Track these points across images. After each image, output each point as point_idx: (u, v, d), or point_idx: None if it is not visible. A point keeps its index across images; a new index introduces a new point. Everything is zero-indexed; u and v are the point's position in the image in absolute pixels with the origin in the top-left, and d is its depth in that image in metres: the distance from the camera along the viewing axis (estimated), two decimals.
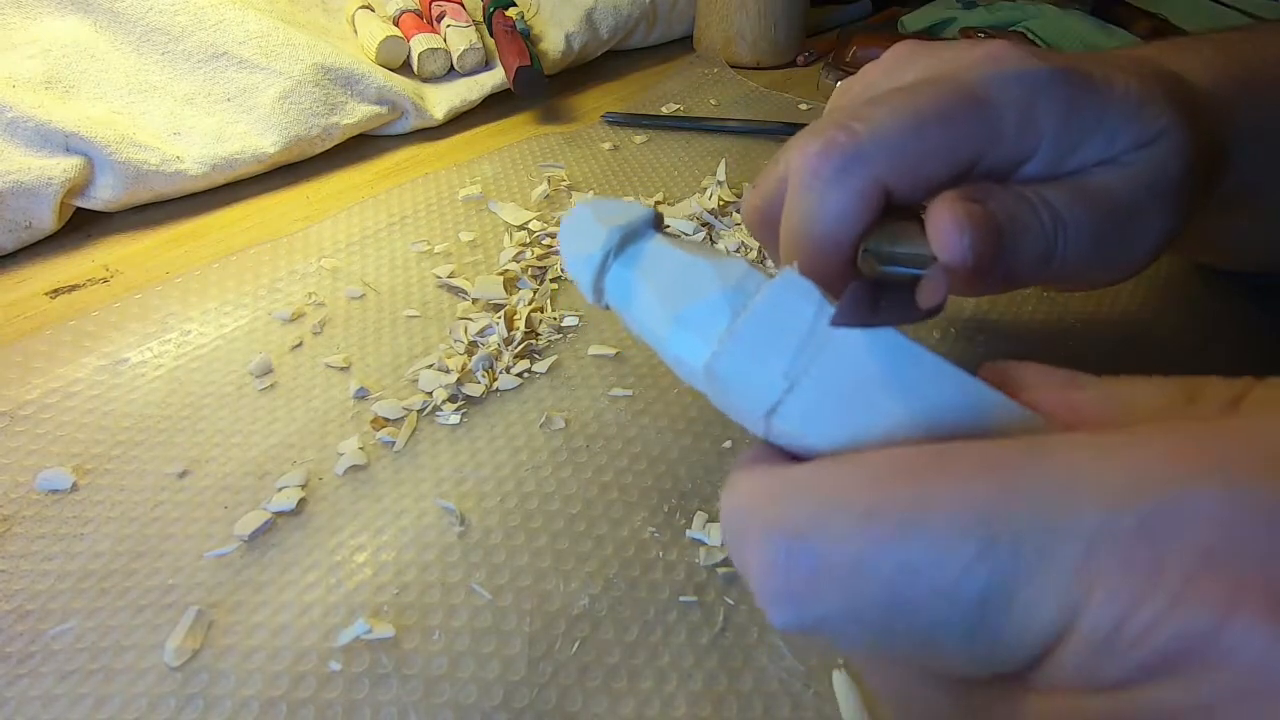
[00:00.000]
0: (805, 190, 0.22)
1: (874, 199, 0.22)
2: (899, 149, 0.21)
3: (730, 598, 0.28)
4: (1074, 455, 0.11)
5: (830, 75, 0.68)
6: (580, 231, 0.18)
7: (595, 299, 0.18)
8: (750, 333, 0.15)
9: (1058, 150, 0.23)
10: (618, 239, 0.17)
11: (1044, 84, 0.22)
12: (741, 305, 0.16)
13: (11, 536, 0.28)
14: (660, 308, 0.16)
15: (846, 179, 0.22)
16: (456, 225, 0.47)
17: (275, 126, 0.51)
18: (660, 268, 0.17)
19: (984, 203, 0.21)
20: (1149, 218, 0.24)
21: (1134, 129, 0.23)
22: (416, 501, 0.30)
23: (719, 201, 0.49)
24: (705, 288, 0.16)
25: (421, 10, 0.67)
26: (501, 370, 0.36)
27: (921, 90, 0.22)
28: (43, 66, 0.50)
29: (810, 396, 0.15)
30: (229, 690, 0.24)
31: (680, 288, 0.16)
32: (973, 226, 0.20)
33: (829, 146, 0.22)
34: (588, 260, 0.17)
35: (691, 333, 0.16)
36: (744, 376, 0.15)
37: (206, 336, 0.38)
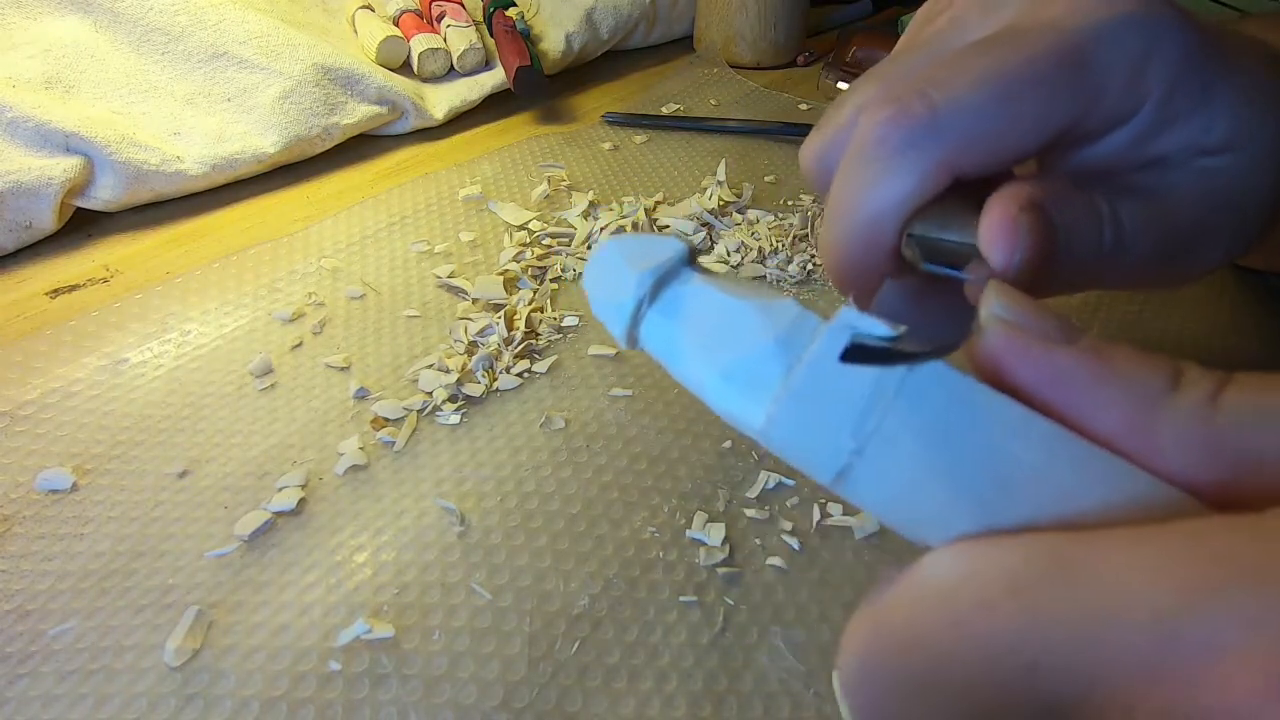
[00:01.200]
0: (865, 160, 0.20)
1: (937, 183, 0.19)
2: (979, 129, 0.19)
3: (730, 598, 0.28)
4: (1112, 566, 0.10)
5: (830, 75, 0.68)
6: (608, 276, 0.16)
7: (629, 346, 0.16)
8: (808, 390, 0.13)
9: (1160, 117, 0.20)
10: (650, 284, 0.15)
11: (1165, 35, 0.19)
12: (796, 356, 0.14)
13: (11, 536, 0.28)
14: (704, 361, 0.14)
15: (912, 158, 0.19)
16: (456, 225, 0.47)
17: (275, 126, 0.51)
18: (701, 313, 0.15)
19: (1049, 211, 0.19)
20: (1219, 236, 0.22)
21: (1231, 121, 0.20)
22: (416, 501, 0.30)
23: (719, 201, 0.49)
24: (753, 336, 0.14)
25: (421, 10, 0.67)
26: (501, 370, 0.36)
27: (1014, 47, 0.19)
28: (43, 66, 0.50)
29: (882, 458, 0.13)
30: (229, 690, 0.24)
31: (725, 337, 0.14)
32: (1030, 240, 0.18)
33: (900, 116, 0.19)
34: (619, 309, 0.15)
35: (741, 390, 0.14)
36: (805, 440, 0.13)
37: (206, 336, 0.38)
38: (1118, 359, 0.13)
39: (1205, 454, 0.12)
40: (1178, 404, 0.12)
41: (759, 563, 0.29)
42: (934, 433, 0.13)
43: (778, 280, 0.43)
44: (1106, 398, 0.13)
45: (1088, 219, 0.20)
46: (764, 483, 0.32)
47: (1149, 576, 0.10)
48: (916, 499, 0.13)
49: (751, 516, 0.30)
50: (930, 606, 0.12)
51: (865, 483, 0.13)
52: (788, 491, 0.31)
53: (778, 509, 0.31)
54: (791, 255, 0.45)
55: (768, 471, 0.32)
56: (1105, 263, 0.20)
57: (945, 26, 0.23)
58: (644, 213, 0.47)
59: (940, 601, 0.11)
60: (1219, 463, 0.12)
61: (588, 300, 0.16)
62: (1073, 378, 0.13)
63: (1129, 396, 0.13)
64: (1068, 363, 0.13)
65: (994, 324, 0.14)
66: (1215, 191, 0.21)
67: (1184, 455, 0.12)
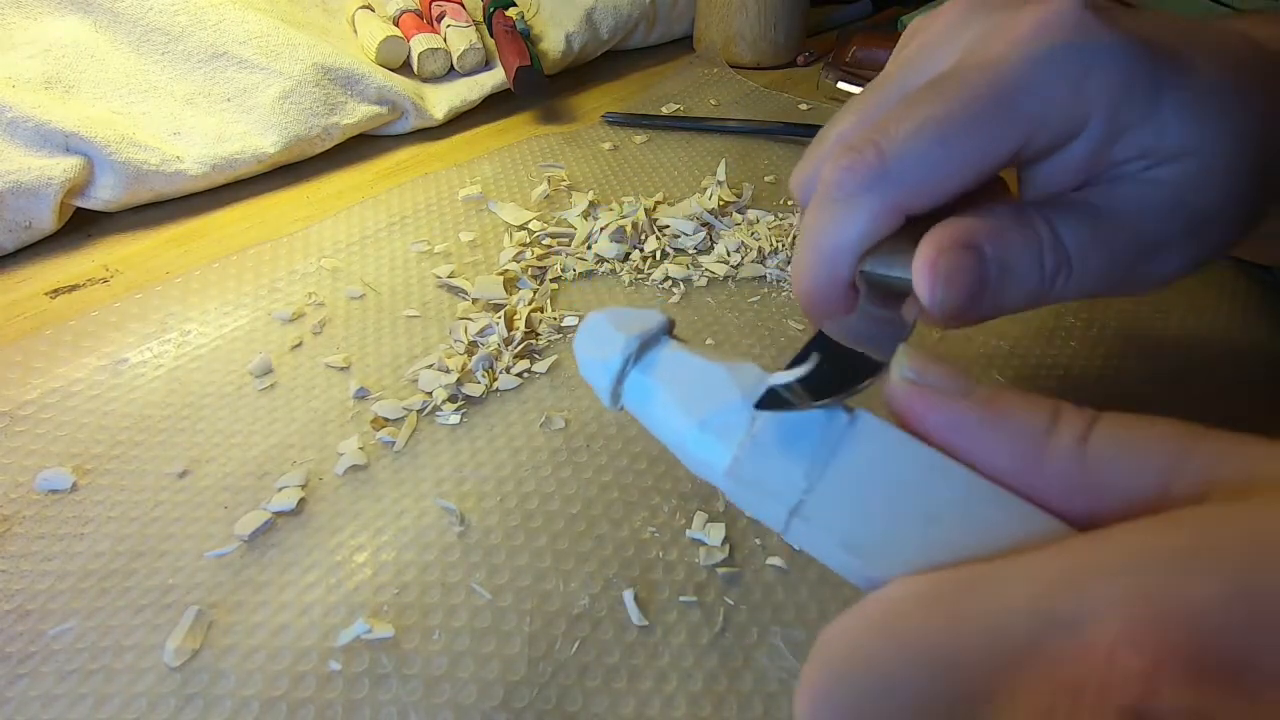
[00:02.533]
0: (824, 202, 0.22)
1: (888, 224, 0.21)
2: (923, 173, 0.21)
3: (730, 598, 0.28)
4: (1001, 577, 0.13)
5: (830, 75, 0.68)
6: (597, 339, 0.18)
7: (612, 403, 0.18)
8: (768, 437, 0.16)
9: (1110, 128, 0.21)
10: (636, 346, 0.18)
11: (1102, 54, 0.21)
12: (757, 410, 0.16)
13: (11, 536, 0.28)
14: (681, 413, 0.17)
15: (864, 202, 0.21)
16: (456, 225, 0.47)
17: (275, 126, 0.51)
18: (678, 373, 0.18)
19: (980, 248, 0.20)
20: (1177, 248, 0.22)
21: (1183, 127, 0.21)
22: (416, 501, 0.30)
23: (719, 201, 0.49)
24: (724, 393, 0.17)
25: (421, 10, 0.67)
26: (501, 370, 0.36)
27: (953, 92, 0.21)
28: (43, 66, 0.50)
29: (827, 499, 0.15)
30: (229, 690, 0.24)
31: (699, 393, 0.17)
32: (949, 281, 0.20)
33: (854, 164, 0.21)
34: (606, 366, 0.18)
35: (714, 437, 0.17)
36: (766, 479, 0.16)
37: (206, 336, 0.38)
38: (1003, 405, 0.15)
39: (1077, 488, 0.14)
40: (1055, 444, 0.14)
41: (759, 563, 0.29)
42: (872, 474, 0.15)
43: (777, 280, 0.43)
44: (995, 440, 0.15)
45: (1025, 248, 0.21)
46: None
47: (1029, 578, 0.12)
48: (859, 532, 0.15)
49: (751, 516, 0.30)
50: (870, 624, 0.13)
51: (816, 517, 0.15)
52: None
53: None
54: (791, 255, 0.45)
55: None
56: (1051, 284, 0.22)
57: (914, 55, 0.25)
58: (644, 213, 0.47)
59: (878, 619, 0.13)
60: (1088, 496, 0.14)
61: (576, 362, 0.19)
62: (966, 425, 0.15)
63: (1014, 439, 0.15)
64: (961, 413, 0.15)
65: (901, 383, 0.16)
66: (1163, 202, 0.22)
67: (1061, 489, 0.14)
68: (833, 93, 0.67)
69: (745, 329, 0.40)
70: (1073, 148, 0.22)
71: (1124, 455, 0.14)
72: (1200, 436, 0.14)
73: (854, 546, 0.15)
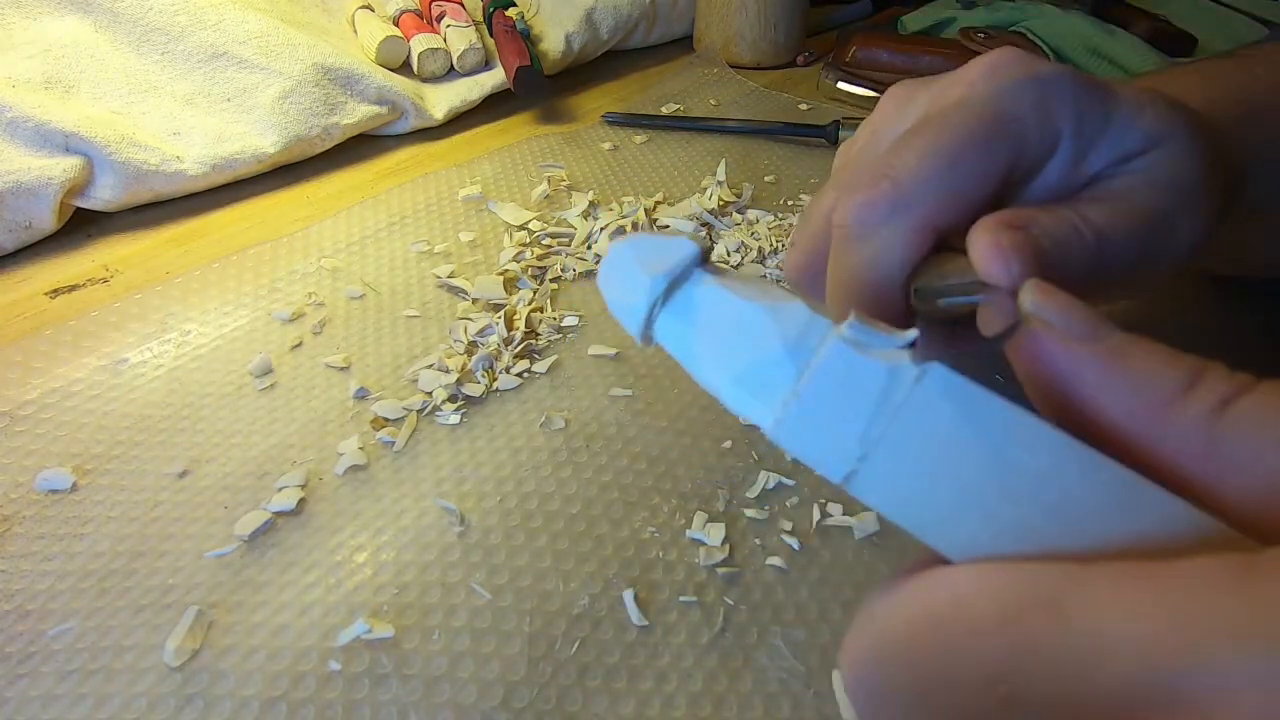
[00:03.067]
0: (855, 240, 0.23)
1: (924, 239, 0.22)
2: (940, 186, 0.22)
3: (730, 598, 0.28)
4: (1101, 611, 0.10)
5: (830, 75, 0.68)
6: (622, 277, 0.16)
7: (645, 345, 0.17)
8: (817, 395, 0.14)
9: (1078, 145, 0.23)
10: (663, 287, 0.16)
11: (1052, 82, 0.23)
12: (805, 361, 0.14)
13: (11, 536, 0.28)
14: (716, 365, 0.15)
15: (896, 224, 0.22)
16: (456, 225, 0.47)
17: (275, 126, 0.51)
18: (713, 316, 0.15)
19: (1025, 228, 0.21)
20: (1178, 218, 0.24)
21: (1139, 130, 0.23)
22: (416, 501, 0.30)
23: (719, 201, 0.49)
24: (764, 341, 0.14)
25: (421, 10, 0.67)
26: (501, 370, 0.36)
27: (942, 124, 0.23)
28: (43, 66, 0.50)
29: (888, 465, 0.13)
30: (229, 690, 0.24)
31: (737, 341, 0.15)
32: (1016, 251, 0.20)
33: (873, 196, 0.22)
34: (632, 311, 0.16)
35: (753, 394, 0.14)
36: (814, 443, 0.14)
37: (206, 336, 0.38)
38: (1139, 355, 0.13)
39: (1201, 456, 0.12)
40: (1188, 403, 0.13)
41: (759, 563, 0.29)
42: (938, 440, 0.13)
43: (776, 281, 0.43)
44: (1118, 388, 0.13)
45: (1065, 225, 0.22)
46: (764, 483, 0.32)
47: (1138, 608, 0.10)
48: (921, 504, 0.13)
49: (751, 516, 0.30)
50: (926, 628, 0.12)
51: (872, 487, 0.13)
52: (788, 491, 0.31)
53: (777, 509, 0.31)
54: None
55: (768, 471, 0.32)
56: (1100, 257, 0.22)
57: (867, 139, 0.27)
58: (644, 213, 0.47)
59: (935, 624, 0.12)
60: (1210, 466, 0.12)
61: (603, 298, 0.17)
62: (1090, 369, 0.13)
63: (1142, 390, 0.13)
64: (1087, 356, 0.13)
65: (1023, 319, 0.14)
66: (1153, 181, 0.23)
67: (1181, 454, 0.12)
68: (833, 93, 0.67)
69: None
70: (1050, 168, 0.23)
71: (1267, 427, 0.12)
72: None
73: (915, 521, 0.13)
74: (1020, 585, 0.11)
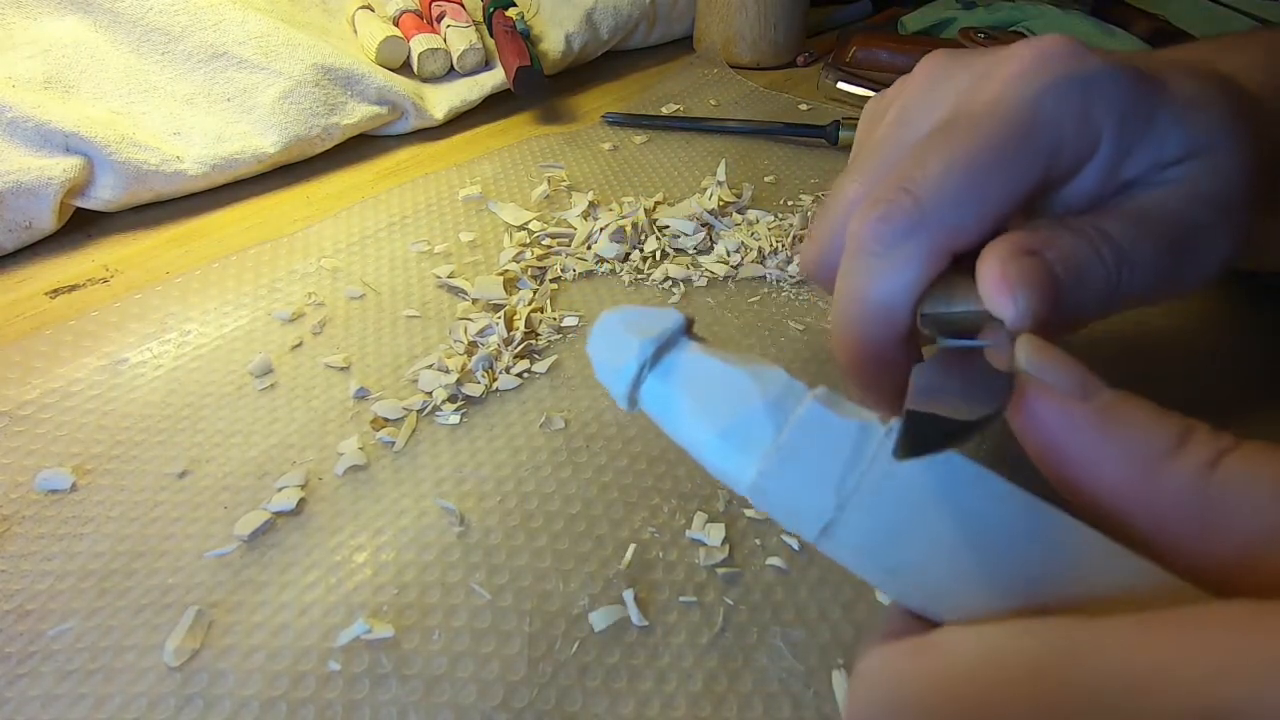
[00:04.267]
0: (866, 256, 0.22)
1: (937, 264, 0.21)
2: (961, 211, 0.21)
3: (730, 598, 0.28)
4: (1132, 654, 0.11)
5: (830, 75, 0.68)
6: (611, 342, 0.17)
7: (629, 408, 0.17)
8: (796, 448, 0.15)
9: (1118, 149, 0.22)
10: (651, 351, 0.17)
11: (1097, 81, 0.21)
12: (784, 419, 0.15)
13: (11, 536, 0.28)
14: (701, 422, 0.16)
15: (910, 247, 0.21)
16: (456, 225, 0.47)
17: (275, 126, 0.51)
18: (697, 379, 0.16)
19: (1040, 253, 0.20)
20: (1212, 234, 0.23)
21: (1183, 134, 0.22)
22: (416, 501, 0.30)
23: (719, 201, 0.49)
24: (747, 400, 0.15)
25: (421, 10, 0.67)
26: (501, 370, 0.36)
27: (970, 133, 0.21)
28: (43, 66, 0.50)
29: (863, 518, 0.14)
30: (229, 690, 0.24)
31: (720, 401, 0.16)
32: (1025, 285, 0.19)
33: (890, 212, 0.21)
34: (621, 373, 0.17)
35: (735, 449, 0.15)
36: (793, 494, 0.14)
37: (206, 336, 0.38)
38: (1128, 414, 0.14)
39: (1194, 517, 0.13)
40: (1178, 464, 0.13)
41: (759, 563, 0.29)
42: (907, 495, 0.14)
43: (777, 281, 0.43)
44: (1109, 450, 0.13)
45: (1084, 247, 0.21)
46: None
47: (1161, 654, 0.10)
48: (895, 555, 0.13)
49: (751, 516, 0.30)
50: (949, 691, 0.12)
51: (848, 539, 0.14)
52: None
53: None
54: (791, 256, 0.45)
55: None
56: (1119, 277, 0.21)
57: (895, 121, 0.25)
58: (644, 213, 0.47)
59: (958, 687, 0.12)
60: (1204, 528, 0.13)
61: (591, 364, 0.18)
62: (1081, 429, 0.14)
63: (1131, 451, 0.13)
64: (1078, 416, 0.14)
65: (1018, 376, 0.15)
66: (1186, 194, 0.22)
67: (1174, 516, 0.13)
68: (833, 93, 0.67)
69: (745, 329, 0.40)
70: (1086, 172, 0.22)
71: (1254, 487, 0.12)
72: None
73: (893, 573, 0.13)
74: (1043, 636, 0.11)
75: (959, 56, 0.25)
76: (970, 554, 0.13)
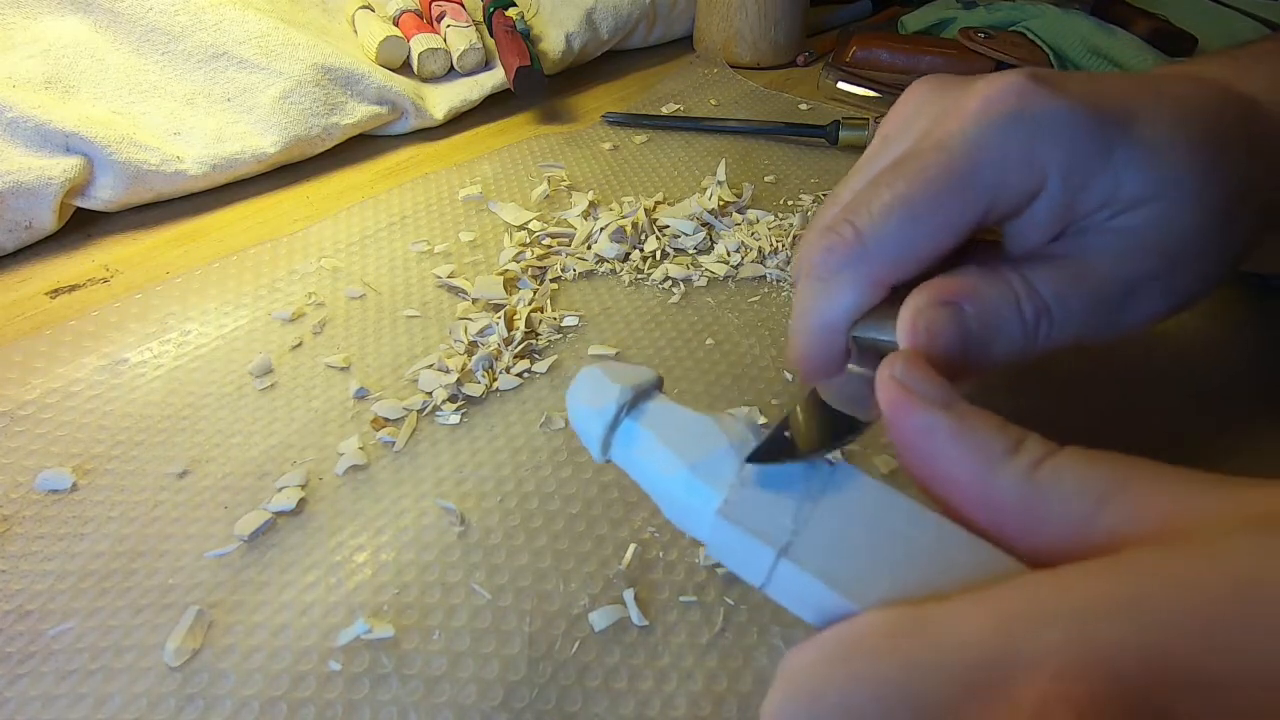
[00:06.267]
0: (812, 280, 0.24)
1: (870, 294, 0.23)
2: (899, 244, 0.22)
3: (730, 598, 0.28)
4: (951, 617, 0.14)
5: (830, 75, 0.68)
6: (592, 390, 0.19)
7: (601, 452, 0.19)
8: (757, 482, 0.17)
9: (1068, 186, 0.22)
10: (631, 395, 0.19)
11: (1046, 120, 0.22)
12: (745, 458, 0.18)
13: (11, 536, 0.28)
14: (672, 459, 0.18)
15: (848, 277, 0.23)
16: (456, 225, 0.47)
17: (275, 126, 0.51)
18: (669, 423, 0.19)
19: (957, 304, 0.22)
20: (1156, 285, 0.23)
21: (1139, 176, 0.22)
22: (416, 501, 0.30)
23: (719, 201, 0.49)
24: (713, 441, 0.18)
25: (421, 10, 0.67)
26: (501, 370, 0.36)
27: (915, 172, 0.22)
28: (43, 66, 0.50)
29: (814, 539, 0.16)
30: (229, 690, 0.24)
31: (690, 441, 0.18)
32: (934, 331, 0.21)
33: (834, 244, 0.23)
34: (600, 414, 0.19)
35: (704, 482, 0.18)
36: (757, 520, 0.17)
37: (206, 336, 0.38)
38: (975, 423, 0.16)
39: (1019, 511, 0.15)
40: (1009, 466, 0.16)
41: None
42: (852, 518, 0.16)
43: (777, 280, 0.43)
44: (958, 453, 0.16)
45: (1001, 299, 0.22)
46: None
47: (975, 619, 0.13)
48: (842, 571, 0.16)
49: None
50: (829, 655, 0.14)
51: (804, 557, 0.16)
52: None
53: None
54: (791, 255, 0.45)
55: None
56: (1035, 332, 0.23)
57: (877, 146, 0.27)
58: (644, 213, 0.47)
59: (838, 650, 0.14)
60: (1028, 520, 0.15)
61: (568, 411, 0.20)
62: (936, 432, 0.16)
63: (974, 455, 0.16)
64: (934, 420, 0.17)
65: (889, 381, 0.17)
66: (1133, 246, 0.23)
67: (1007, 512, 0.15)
68: (833, 93, 0.67)
69: (745, 329, 0.40)
70: (1036, 207, 0.23)
71: (1064, 483, 0.15)
72: (1141, 470, 0.15)
73: (839, 584, 0.16)
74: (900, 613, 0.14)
75: (942, 85, 0.26)
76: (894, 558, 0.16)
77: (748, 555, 0.17)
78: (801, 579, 0.16)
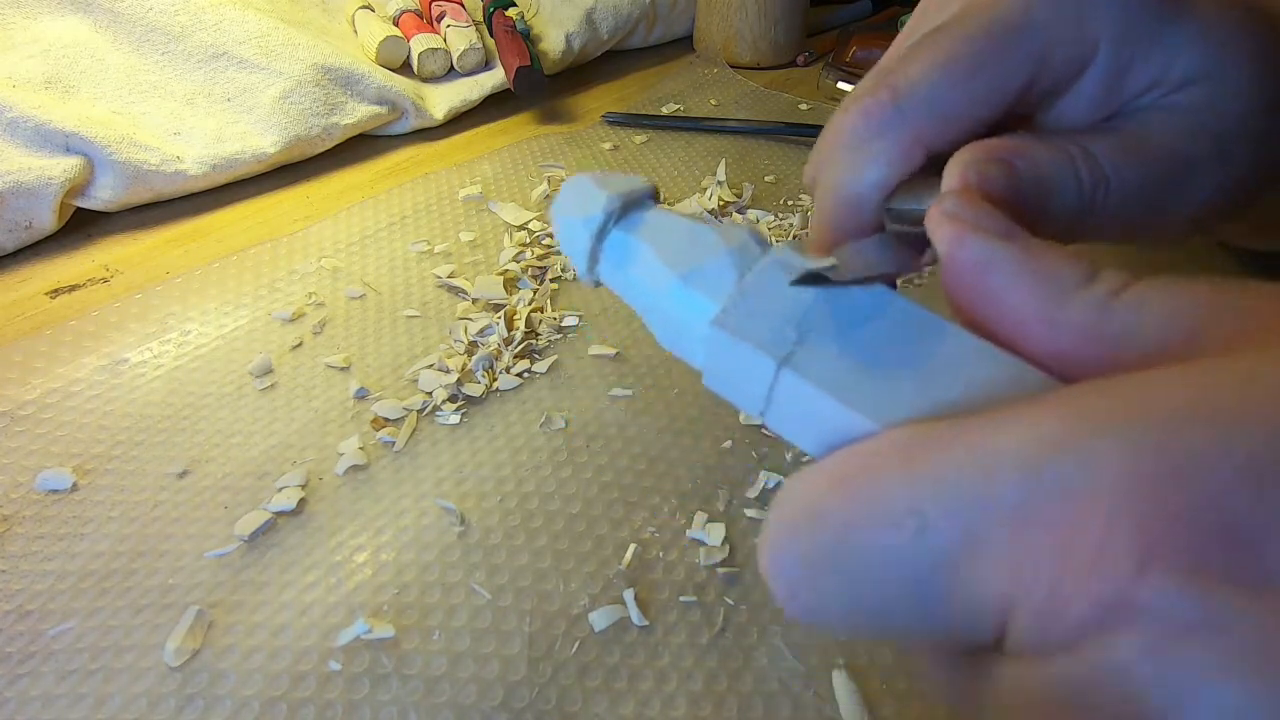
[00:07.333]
0: (844, 150, 0.22)
1: (910, 160, 0.21)
2: (938, 110, 0.21)
3: (730, 598, 0.28)
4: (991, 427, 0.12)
5: (830, 75, 0.68)
6: (579, 197, 0.17)
7: (588, 267, 0.17)
8: (759, 288, 0.15)
9: (1115, 62, 0.21)
10: (619, 204, 0.17)
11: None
12: (747, 266, 0.16)
13: (11, 536, 0.28)
14: (664, 269, 0.16)
15: (884, 143, 0.21)
16: (456, 225, 0.47)
17: (275, 126, 0.51)
18: (663, 232, 0.17)
19: (1009, 161, 0.20)
20: (1204, 170, 0.22)
21: (1190, 55, 0.21)
22: (416, 501, 0.30)
23: (719, 201, 0.49)
24: (711, 249, 0.16)
25: (421, 10, 0.67)
26: (501, 370, 0.36)
27: (956, 32, 0.21)
28: (43, 66, 0.50)
29: (820, 350, 0.14)
30: (229, 690, 0.24)
31: (685, 250, 0.16)
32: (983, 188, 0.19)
33: (869, 107, 0.21)
34: (587, 223, 0.17)
35: (698, 291, 0.16)
36: (756, 328, 0.15)
37: (206, 336, 0.38)
38: (1042, 252, 0.15)
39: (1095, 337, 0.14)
40: (1084, 296, 0.14)
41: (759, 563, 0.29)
42: (865, 329, 0.15)
43: None
44: (1022, 281, 0.14)
45: (1056, 160, 0.21)
46: (764, 483, 0.32)
47: (1021, 431, 0.11)
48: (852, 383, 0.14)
49: (751, 516, 0.30)
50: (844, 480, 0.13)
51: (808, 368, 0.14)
52: None
53: None
54: None
55: (768, 471, 0.32)
56: (1092, 199, 0.21)
57: (917, 19, 0.25)
58: None
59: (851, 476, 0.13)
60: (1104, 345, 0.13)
61: (553, 225, 0.18)
62: (998, 262, 0.15)
63: (1043, 283, 0.14)
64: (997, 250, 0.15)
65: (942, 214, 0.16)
66: (1185, 125, 0.22)
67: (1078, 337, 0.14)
68: (833, 93, 0.67)
69: None
70: (1083, 83, 0.22)
71: (1152, 307, 0.13)
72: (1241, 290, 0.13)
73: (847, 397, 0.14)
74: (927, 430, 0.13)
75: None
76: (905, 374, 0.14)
77: (745, 373, 0.15)
78: (806, 395, 0.14)
